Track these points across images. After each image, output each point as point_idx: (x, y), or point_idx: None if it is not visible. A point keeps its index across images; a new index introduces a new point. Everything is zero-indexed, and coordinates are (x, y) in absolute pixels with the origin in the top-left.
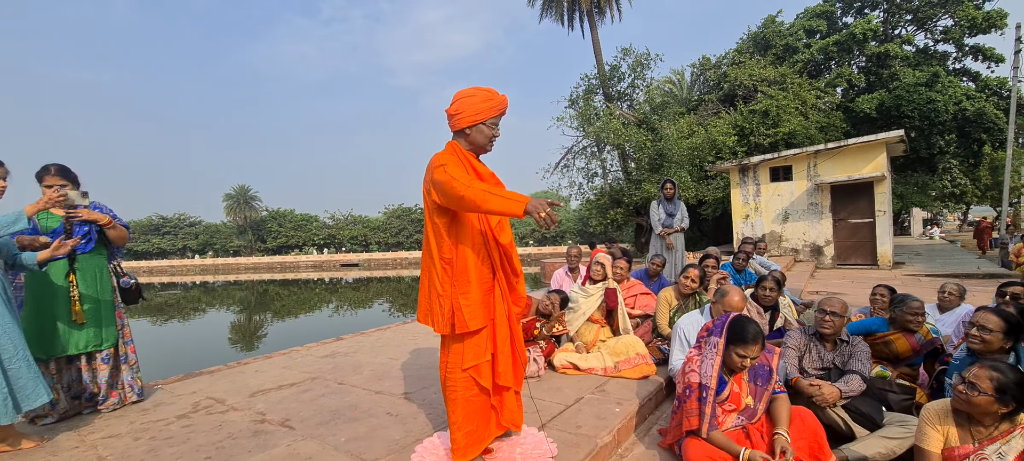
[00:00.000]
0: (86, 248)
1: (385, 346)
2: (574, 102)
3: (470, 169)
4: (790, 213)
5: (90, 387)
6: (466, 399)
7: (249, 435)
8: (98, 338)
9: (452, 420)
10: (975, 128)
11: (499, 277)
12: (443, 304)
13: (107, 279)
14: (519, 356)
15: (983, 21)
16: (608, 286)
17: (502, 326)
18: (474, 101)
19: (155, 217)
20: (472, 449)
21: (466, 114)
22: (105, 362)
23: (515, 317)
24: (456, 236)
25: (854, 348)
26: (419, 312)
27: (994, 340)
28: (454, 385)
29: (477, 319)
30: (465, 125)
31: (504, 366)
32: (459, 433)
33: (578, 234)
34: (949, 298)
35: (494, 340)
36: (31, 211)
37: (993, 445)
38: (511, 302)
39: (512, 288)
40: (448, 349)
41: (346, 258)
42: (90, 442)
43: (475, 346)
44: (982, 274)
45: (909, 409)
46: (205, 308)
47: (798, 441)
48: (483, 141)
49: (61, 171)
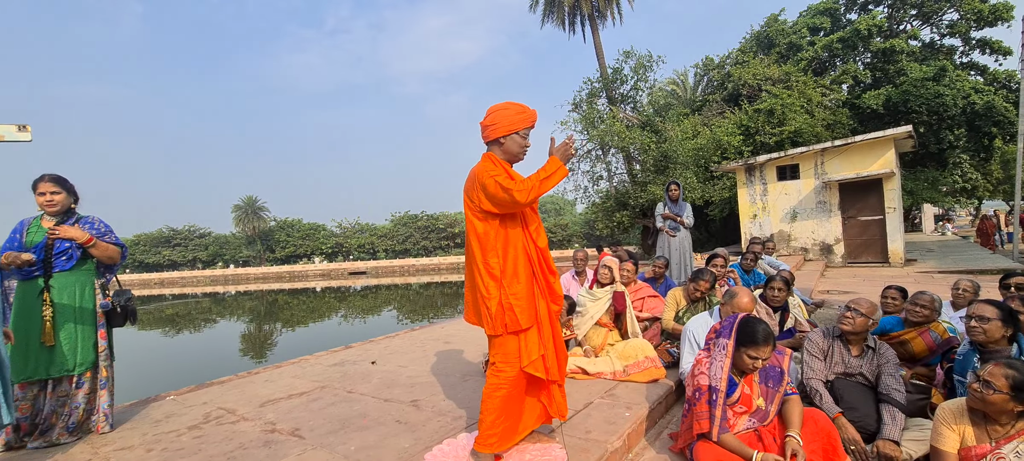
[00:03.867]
0: (66, 266)
1: (393, 354)
2: (577, 106)
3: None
4: (798, 212)
5: (49, 417)
6: (510, 395)
7: (260, 445)
8: (70, 362)
9: (492, 413)
10: (985, 121)
11: (539, 277)
12: (490, 306)
13: (89, 299)
14: (561, 351)
15: (989, 14)
16: (616, 289)
17: (545, 324)
18: (508, 113)
19: (165, 229)
20: (505, 443)
21: (502, 124)
22: (79, 386)
23: (555, 315)
24: (501, 242)
25: (882, 357)
26: (467, 313)
27: (994, 328)
28: (503, 381)
29: (526, 317)
30: (501, 134)
31: (551, 362)
32: (498, 426)
33: (584, 237)
34: (963, 295)
35: (541, 337)
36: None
37: (1010, 444)
38: (550, 301)
39: (550, 287)
40: (499, 346)
41: (354, 266)
42: (103, 454)
43: (530, 343)
44: (997, 269)
45: (924, 410)
46: (215, 318)
47: (811, 443)
48: (516, 150)
49: (54, 180)
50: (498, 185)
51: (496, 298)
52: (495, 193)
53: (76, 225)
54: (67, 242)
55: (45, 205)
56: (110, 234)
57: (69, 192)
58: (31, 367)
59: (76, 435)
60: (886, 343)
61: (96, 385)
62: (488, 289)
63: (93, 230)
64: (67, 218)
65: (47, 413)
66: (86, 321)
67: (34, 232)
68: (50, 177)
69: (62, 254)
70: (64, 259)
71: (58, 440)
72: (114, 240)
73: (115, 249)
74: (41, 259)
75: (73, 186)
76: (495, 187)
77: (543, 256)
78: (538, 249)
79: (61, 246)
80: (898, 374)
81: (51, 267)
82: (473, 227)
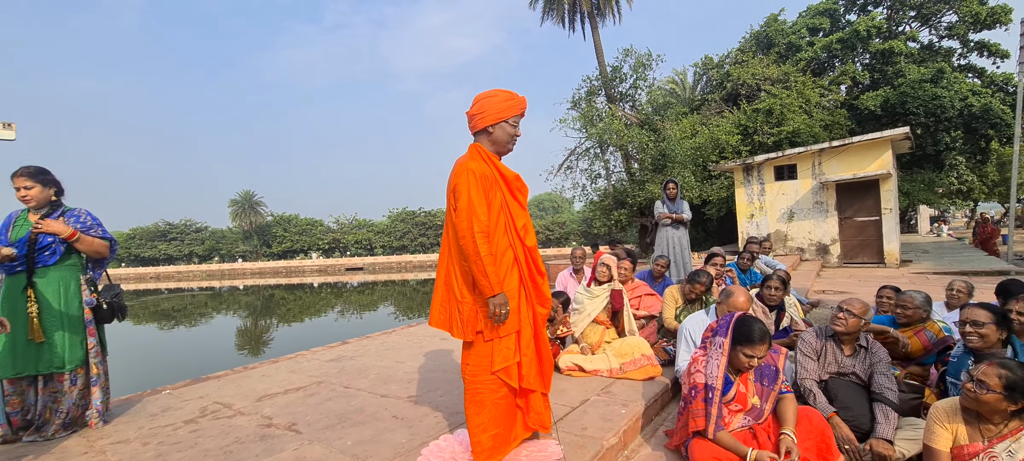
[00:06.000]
0: (49, 261)
1: (390, 350)
2: (576, 104)
3: (496, 175)
4: (795, 212)
5: (43, 413)
6: (494, 402)
7: (256, 439)
8: (58, 359)
9: (477, 422)
10: (982, 124)
11: (525, 280)
12: (463, 310)
13: (74, 295)
14: (545, 358)
15: (987, 17)
16: (613, 287)
17: (527, 328)
18: (496, 101)
19: (162, 223)
20: (499, 451)
21: (489, 113)
22: (73, 383)
23: (541, 319)
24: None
25: (874, 356)
26: (433, 317)
27: (990, 333)
28: (480, 388)
29: (508, 324)
30: (488, 124)
31: (528, 368)
32: (485, 435)
33: (582, 235)
34: (957, 296)
35: (519, 342)
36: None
37: (1003, 443)
38: (537, 303)
39: (537, 289)
40: (473, 352)
41: (351, 262)
42: (99, 447)
43: (504, 349)
44: (991, 271)
45: (917, 409)
46: (212, 313)
47: (805, 442)
48: (506, 139)
49: (29, 173)
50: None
51: (470, 302)
52: (464, 210)
53: (61, 218)
54: (50, 236)
55: (22, 199)
56: (97, 227)
57: (45, 184)
58: (20, 363)
59: (70, 430)
60: (879, 342)
61: (88, 381)
62: (462, 292)
63: (78, 223)
64: (53, 211)
65: (41, 409)
66: (72, 317)
67: (20, 226)
68: (24, 171)
69: (45, 249)
70: (47, 254)
71: (54, 436)
72: (102, 234)
73: (102, 243)
74: (24, 254)
75: (53, 178)
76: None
77: (531, 256)
78: (526, 248)
79: (44, 240)
80: (891, 373)
81: (34, 262)
82: (453, 224)
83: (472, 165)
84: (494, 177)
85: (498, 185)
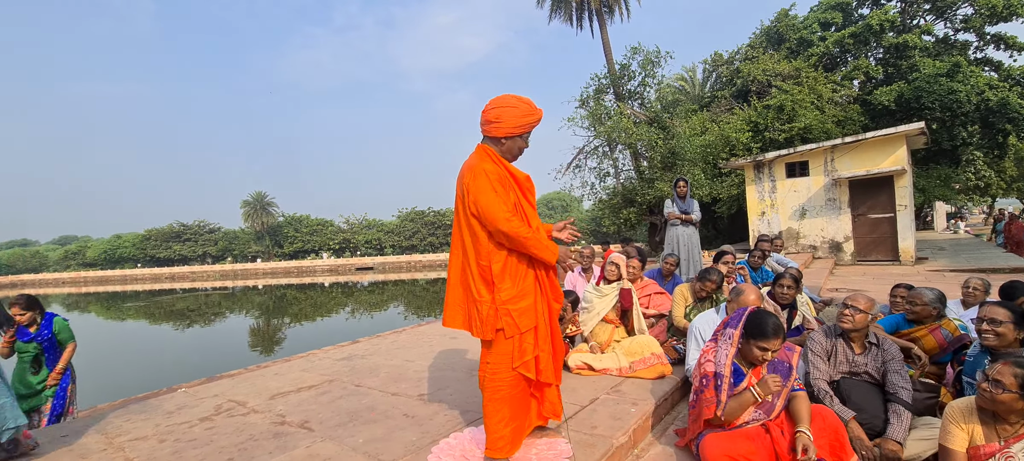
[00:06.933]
0: None
1: (401, 348)
2: (585, 102)
3: (509, 178)
4: (807, 209)
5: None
6: (514, 396)
7: (270, 437)
8: None
9: (498, 417)
10: (999, 118)
11: (540, 275)
12: (482, 309)
13: None
14: (558, 351)
15: (1004, 9)
16: (623, 286)
17: (543, 324)
18: (516, 113)
19: (176, 225)
20: (517, 443)
21: (505, 123)
22: None
23: (554, 314)
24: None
25: (886, 354)
26: (448, 318)
27: (1007, 332)
28: (501, 384)
29: (527, 320)
30: (503, 134)
31: (546, 363)
32: (507, 429)
33: (591, 234)
34: (974, 293)
35: (537, 338)
36: None
37: (1019, 443)
38: (551, 299)
39: (553, 284)
40: (493, 350)
41: (361, 262)
42: (117, 444)
43: (525, 345)
44: (1008, 268)
45: (932, 408)
46: (225, 313)
47: (819, 439)
48: (516, 151)
49: None
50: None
51: (489, 302)
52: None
53: None
54: None
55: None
56: None
57: None
58: None
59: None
60: (890, 339)
61: None
62: (480, 292)
63: None
64: None
65: None
66: None
67: None
68: None
69: None
70: None
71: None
72: None
73: None
74: None
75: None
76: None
77: None
78: None
79: None
80: (905, 372)
81: None
82: (467, 225)
83: (486, 166)
84: (507, 178)
85: (511, 186)
